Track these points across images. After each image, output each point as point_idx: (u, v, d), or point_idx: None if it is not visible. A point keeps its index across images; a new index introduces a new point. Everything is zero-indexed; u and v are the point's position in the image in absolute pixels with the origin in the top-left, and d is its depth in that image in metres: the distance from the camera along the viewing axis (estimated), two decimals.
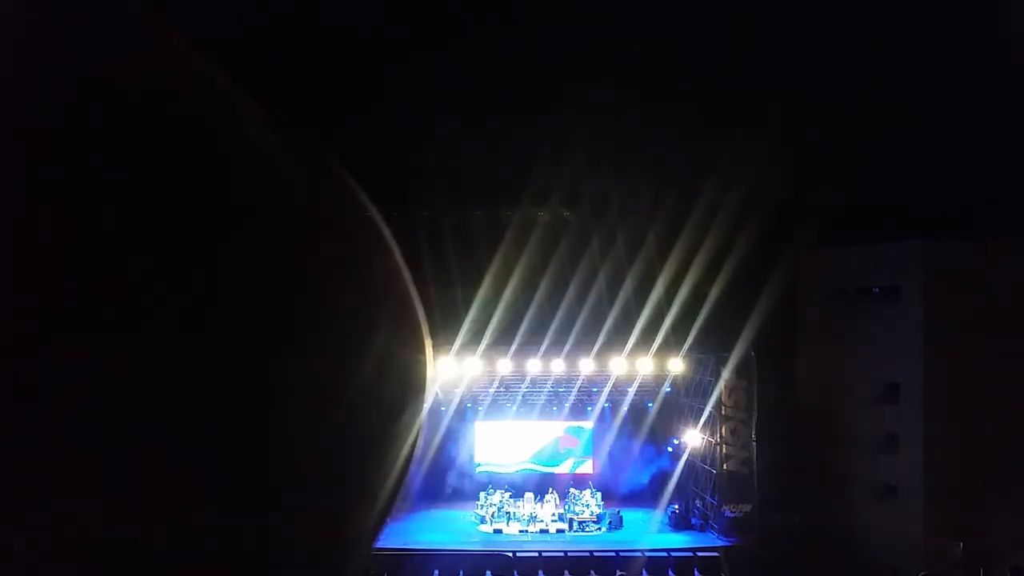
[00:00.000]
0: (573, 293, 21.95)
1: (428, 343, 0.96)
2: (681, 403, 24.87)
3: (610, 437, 25.62)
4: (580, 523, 22.97)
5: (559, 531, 22.75)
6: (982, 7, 15.55)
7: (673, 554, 20.85)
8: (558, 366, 23.16)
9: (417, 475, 22.68)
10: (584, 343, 22.37)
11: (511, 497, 23.92)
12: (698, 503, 23.49)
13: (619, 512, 23.45)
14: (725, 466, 22.38)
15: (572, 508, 23.42)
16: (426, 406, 0.96)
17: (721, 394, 22.40)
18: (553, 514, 23.42)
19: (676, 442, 25.08)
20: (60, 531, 0.69)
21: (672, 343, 22.39)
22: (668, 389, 25.09)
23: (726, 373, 22.18)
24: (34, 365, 0.68)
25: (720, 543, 21.54)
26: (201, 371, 0.75)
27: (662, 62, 16.40)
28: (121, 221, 0.72)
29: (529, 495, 23.98)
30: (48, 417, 0.68)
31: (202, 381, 0.75)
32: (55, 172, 0.71)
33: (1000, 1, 15.70)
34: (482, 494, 24.01)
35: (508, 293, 21.49)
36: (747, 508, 21.97)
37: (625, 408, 25.26)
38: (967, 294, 20.74)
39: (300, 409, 0.80)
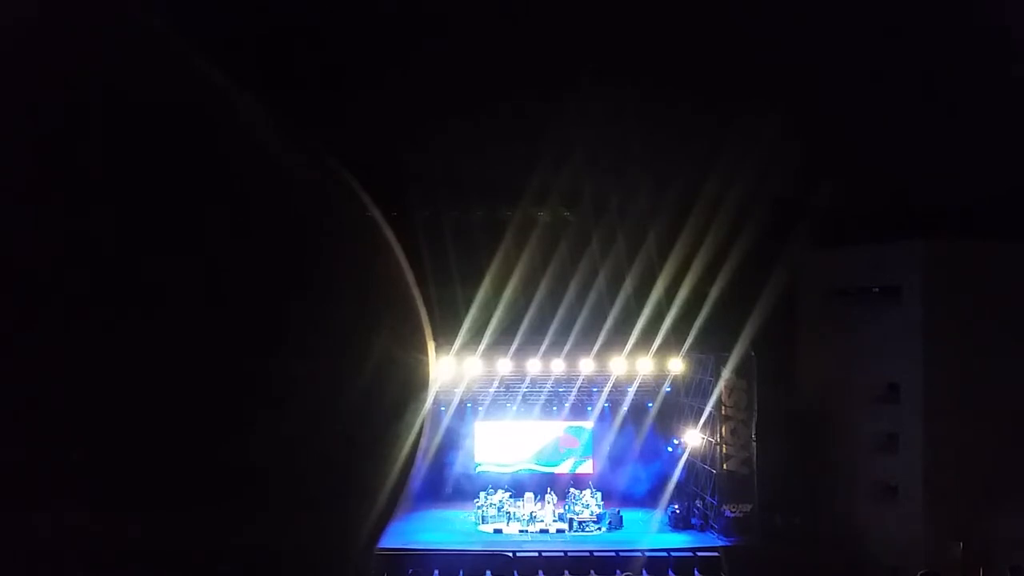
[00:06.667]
0: (573, 293, 21.94)
1: (430, 343, 0.96)
2: (681, 403, 24.86)
3: (610, 437, 25.60)
4: (580, 523, 22.95)
5: (559, 531, 22.74)
6: (982, 6, 15.54)
7: (673, 554, 20.82)
8: (558, 366, 23.15)
9: (417, 475, 22.64)
10: (584, 343, 22.36)
11: (511, 497, 23.91)
12: (698, 503, 23.48)
13: (619, 512, 23.43)
14: (725, 466, 22.37)
15: (572, 508, 23.39)
16: (428, 406, 0.96)
17: (721, 394, 22.38)
18: (553, 514, 23.41)
19: (676, 442, 25.07)
20: (59, 531, 0.69)
21: (672, 343, 22.38)
22: (668, 389, 25.07)
23: (726, 373, 22.17)
24: (34, 365, 0.68)
25: (720, 543, 21.53)
26: (203, 371, 0.75)
27: (662, 62, 16.39)
28: (124, 221, 0.72)
29: (529, 495, 23.97)
30: (47, 415, 0.68)
31: (203, 381, 0.75)
32: (57, 173, 0.71)
33: (1000, 1, 15.69)
34: (482, 494, 23.99)
35: (508, 293, 21.48)
36: (747, 508, 21.95)
37: (625, 408, 25.24)
38: (967, 294, 20.72)
39: (302, 409, 0.81)
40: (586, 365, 23.07)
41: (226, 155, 0.84)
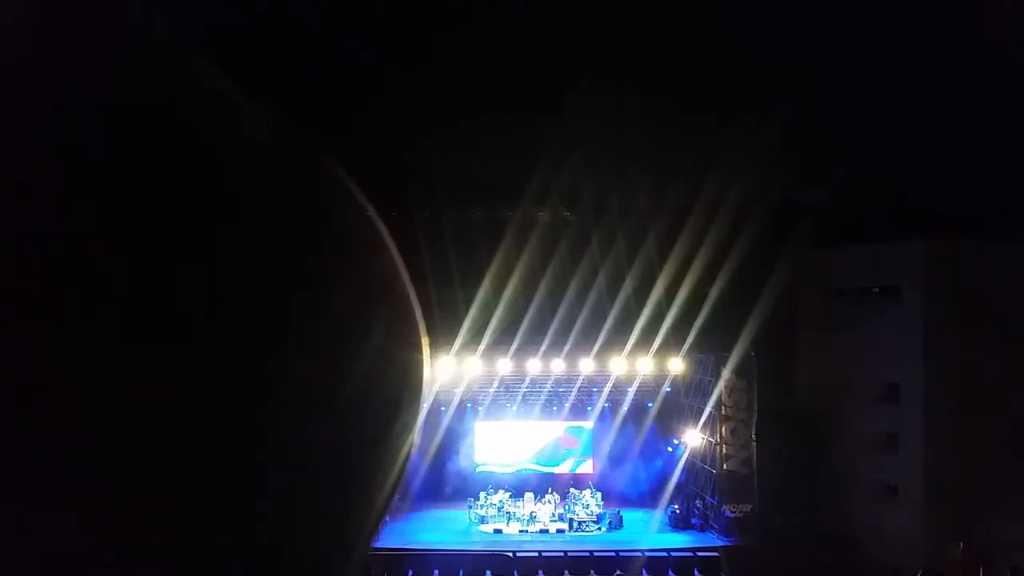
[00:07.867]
0: (573, 293, 21.94)
1: (425, 343, 0.97)
2: (681, 403, 24.87)
3: (610, 437, 25.61)
4: (580, 523, 22.96)
5: (559, 531, 22.74)
6: (982, 6, 15.54)
7: (673, 554, 20.84)
8: (558, 366, 23.16)
9: (417, 475, 22.69)
10: (584, 343, 22.37)
11: (511, 497, 23.91)
12: (698, 503, 23.49)
13: (619, 512, 23.44)
14: (725, 466, 22.38)
15: (572, 508, 23.40)
16: (424, 406, 0.97)
17: (721, 394, 22.40)
18: (553, 514, 23.41)
19: (676, 442, 25.08)
20: (55, 533, 0.69)
21: (672, 343, 22.39)
22: (668, 389, 25.09)
23: (726, 373, 22.18)
24: (33, 365, 0.68)
25: (720, 543, 21.54)
26: (197, 370, 0.75)
27: (662, 62, 16.40)
28: (120, 221, 0.73)
29: (529, 495, 23.97)
30: (43, 418, 0.68)
31: (198, 380, 0.75)
32: (56, 173, 0.71)
33: (1000, 1, 15.70)
34: (482, 494, 24.00)
35: (508, 293, 21.48)
36: (747, 508, 21.97)
37: (625, 408, 25.26)
38: (967, 294, 20.73)
39: (297, 409, 0.81)
40: (586, 365, 23.08)
41: (225, 155, 0.84)
